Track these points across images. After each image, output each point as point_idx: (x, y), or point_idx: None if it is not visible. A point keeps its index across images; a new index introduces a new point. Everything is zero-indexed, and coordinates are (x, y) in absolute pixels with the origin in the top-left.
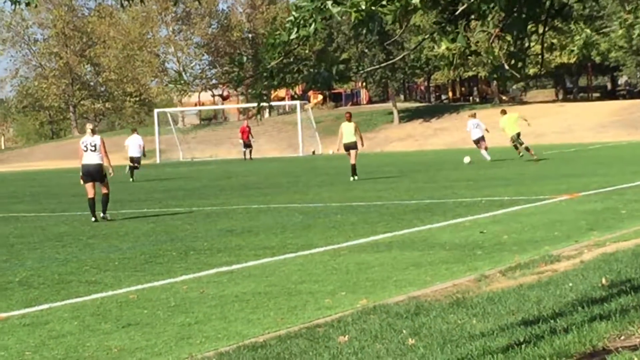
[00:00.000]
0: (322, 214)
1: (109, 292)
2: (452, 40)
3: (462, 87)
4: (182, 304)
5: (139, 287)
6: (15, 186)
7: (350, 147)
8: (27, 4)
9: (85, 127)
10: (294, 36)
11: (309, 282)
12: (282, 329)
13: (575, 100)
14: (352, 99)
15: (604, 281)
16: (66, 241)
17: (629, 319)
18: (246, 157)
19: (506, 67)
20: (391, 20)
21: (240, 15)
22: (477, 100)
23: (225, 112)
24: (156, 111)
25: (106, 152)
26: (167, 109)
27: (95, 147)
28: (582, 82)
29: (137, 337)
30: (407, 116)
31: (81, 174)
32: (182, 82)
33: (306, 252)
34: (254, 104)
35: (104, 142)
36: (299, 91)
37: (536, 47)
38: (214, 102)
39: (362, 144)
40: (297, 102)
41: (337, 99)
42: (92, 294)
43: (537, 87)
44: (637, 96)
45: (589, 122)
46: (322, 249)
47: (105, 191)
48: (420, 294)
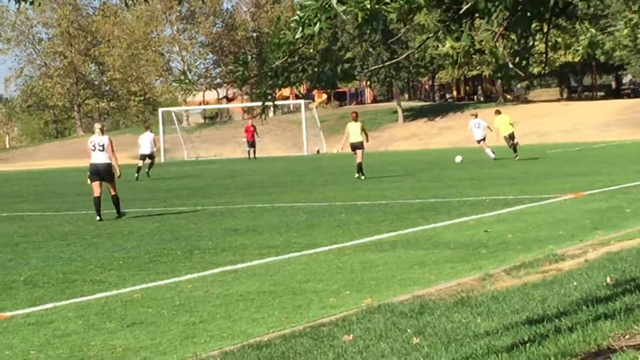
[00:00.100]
0: (326, 213)
1: (114, 291)
2: (457, 39)
3: (466, 86)
4: (187, 303)
5: (144, 286)
6: (19, 185)
7: (356, 146)
8: (31, 3)
9: (93, 126)
10: (299, 35)
11: (313, 281)
12: (286, 328)
13: (579, 99)
14: (357, 98)
15: (608, 280)
16: (71, 240)
17: (633, 317)
18: (250, 157)
19: (510, 65)
20: (395, 18)
21: (244, 14)
22: (482, 99)
23: (229, 111)
24: (161, 110)
25: (114, 152)
26: (171, 108)
27: (103, 146)
28: (587, 80)
29: (142, 336)
30: (412, 115)
31: (89, 173)
32: (187, 82)
33: (310, 251)
34: (259, 103)
35: (112, 142)
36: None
37: (540, 46)
38: (219, 101)
39: (367, 140)
40: (301, 101)
41: (341, 98)
42: (97, 293)
43: (542, 86)
44: None
45: (593, 121)
46: (326, 248)
47: (113, 193)
48: (424, 293)
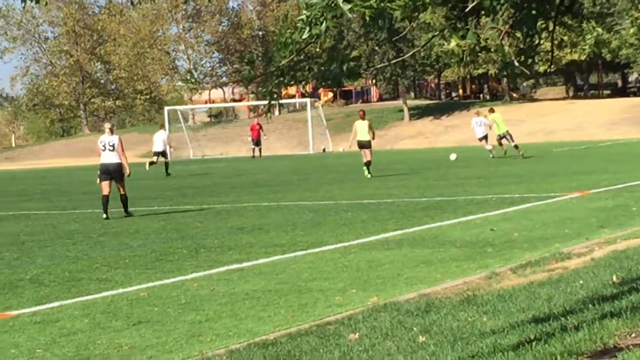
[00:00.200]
0: (332, 212)
1: (120, 290)
2: (462, 37)
3: (472, 84)
4: (193, 302)
5: (150, 284)
6: (25, 184)
7: (364, 145)
8: (37, 2)
9: (103, 126)
10: (306, 35)
11: (319, 280)
12: (292, 326)
13: (585, 97)
14: (363, 96)
15: (614, 279)
16: (77, 239)
17: (639, 316)
18: (254, 155)
19: (516, 64)
20: (401, 16)
21: (250, 12)
22: (488, 97)
23: (235, 109)
24: (166, 109)
25: (123, 152)
26: (177, 107)
27: (113, 146)
28: (593, 79)
29: (148, 334)
30: (418, 113)
31: (99, 172)
32: (193, 81)
33: (316, 250)
34: (264, 102)
35: (122, 141)
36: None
37: (546, 44)
38: (225, 100)
39: (373, 138)
40: (307, 100)
41: (347, 97)
42: (103, 291)
43: (548, 84)
44: None
45: (599, 120)
46: (332, 247)
47: (122, 192)
48: (430, 291)
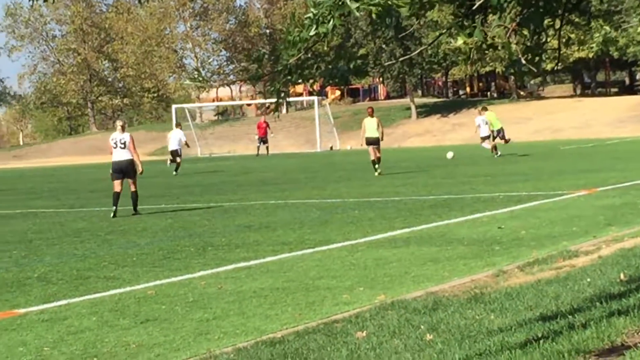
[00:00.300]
0: (339, 210)
1: (127, 288)
2: (469, 34)
3: (479, 82)
4: (200, 300)
5: (157, 282)
6: (33, 182)
7: (373, 142)
8: (45, 0)
9: (115, 123)
10: (313, 33)
11: (326, 278)
12: (300, 324)
13: (593, 95)
14: (370, 94)
15: (622, 276)
16: (84, 237)
17: None
18: (259, 153)
19: (523, 61)
20: (407, 13)
21: (257, 10)
22: (495, 95)
23: (243, 107)
24: (174, 107)
25: (135, 149)
26: (185, 105)
27: (124, 144)
28: (600, 77)
29: (156, 332)
30: (425, 111)
31: (111, 171)
32: (201, 79)
33: (324, 248)
34: (272, 100)
35: (133, 139)
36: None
37: (553, 42)
38: (232, 98)
39: (382, 139)
40: (314, 98)
41: (354, 95)
42: (111, 289)
43: (555, 82)
44: None
45: (606, 117)
46: (339, 245)
47: (133, 189)
48: (438, 289)
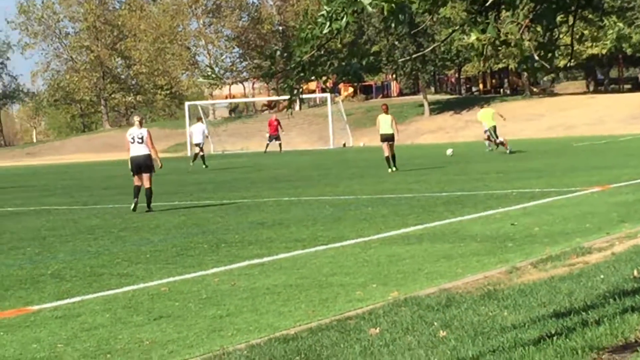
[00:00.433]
0: (352, 207)
1: (141, 285)
2: (482, 31)
3: (492, 79)
4: (214, 297)
5: (171, 279)
6: (47, 179)
7: (387, 138)
8: None
9: (132, 119)
10: (326, 30)
11: (340, 275)
12: (313, 321)
13: (606, 91)
14: (383, 91)
15: (635, 273)
16: (98, 234)
17: None
18: (266, 150)
19: (536, 58)
20: (420, 9)
21: (270, 7)
22: (508, 92)
23: (255, 104)
24: (187, 104)
25: (153, 144)
26: (198, 102)
27: (142, 139)
28: (613, 73)
29: (169, 329)
30: (438, 108)
31: (130, 167)
32: (214, 76)
33: (337, 245)
34: (284, 97)
35: (151, 134)
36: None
37: (566, 39)
38: (245, 95)
39: (397, 135)
40: (327, 95)
41: (367, 92)
42: (124, 286)
43: (568, 78)
44: None
45: (620, 114)
46: (353, 242)
47: (148, 185)
48: (451, 286)
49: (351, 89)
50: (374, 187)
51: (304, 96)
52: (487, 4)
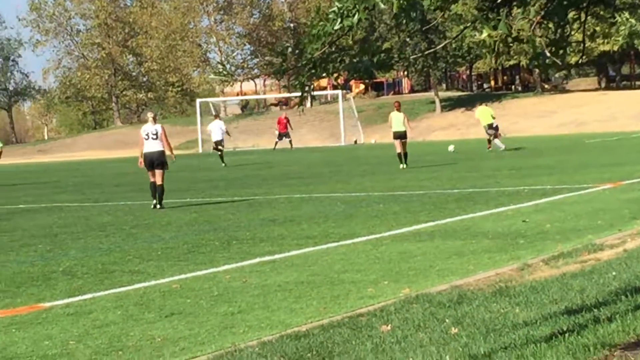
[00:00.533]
0: (364, 204)
1: (152, 282)
2: (494, 27)
3: (504, 75)
4: (225, 294)
5: (182, 276)
6: (58, 176)
7: (400, 135)
8: None
9: (146, 115)
10: (338, 27)
11: (351, 272)
12: (325, 318)
13: (617, 88)
14: (394, 88)
15: None
16: (109, 231)
17: None
18: (275, 147)
19: (547, 54)
20: (432, 6)
21: (281, 4)
22: (519, 88)
23: (266, 101)
24: (198, 101)
25: (167, 140)
26: (209, 99)
27: (156, 135)
28: (625, 70)
29: (181, 326)
30: (449, 105)
31: (144, 164)
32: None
33: (349, 242)
34: (295, 94)
35: (165, 130)
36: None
37: (578, 35)
38: (256, 92)
39: (410, 132)
40: (339, 92)
41: (378, 89)
42: (135, 283)
43: (580, 75)
44: None
45: (631, 110)
46: (364, 238)
47: (160, 182)
48: (462, 283)
49: (362, 86)
50: (385, 184)
51: (315, 93)
52: (498, 1)
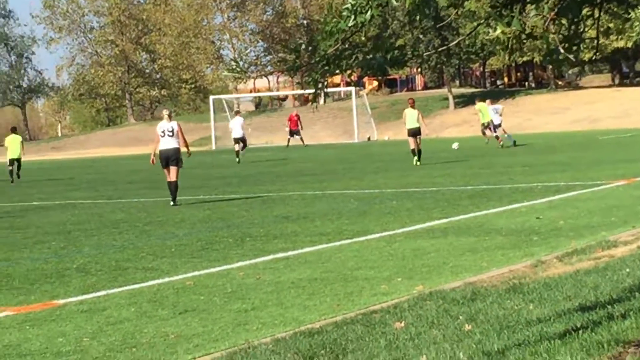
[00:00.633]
0: (377, 200)
1: (166, 279)
2: (508, 24)
3: (517, 72)
4: (239, 290)
5: (196, 273)
6: (72, 173)
7: (415, 132)
8: None
9: (161, 113)
10: (351, 23)
11: (365, 268)
12: (338, 315)
13: (631, 85)
14: (407, 84)
15: None
16: (123, 228)
17: None
18: (289, 145)
19: (561, 51)
20: (445, 3)
21: (295, 1)
22: (533, 85)
23: (279, 98)
24: (212, 98)
25: (184, 136)
26: (222, 96)
27: (172, 132)
28: (639, 66)
29: (194, 323)
30: (463, 102)
31: (160, 161)
32: (239, 70)
33: (362, 239)
34: (308, 91)
35: (181, 126)
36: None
37: (591, 32)
38: (269, 89)
39: (425, 130)
40: (352, 89)
41: (392, 85)
42: (149, 280)
43: (593, 71)
44: None
45: None
46: (377, 235)
47: (174, 179)
48: (476, 279)
49: (376, 83)
50: (398, 180)
51: (329, 90)
52: None
